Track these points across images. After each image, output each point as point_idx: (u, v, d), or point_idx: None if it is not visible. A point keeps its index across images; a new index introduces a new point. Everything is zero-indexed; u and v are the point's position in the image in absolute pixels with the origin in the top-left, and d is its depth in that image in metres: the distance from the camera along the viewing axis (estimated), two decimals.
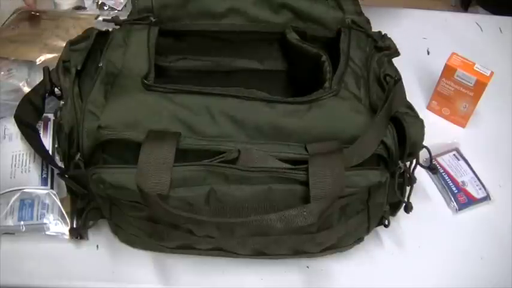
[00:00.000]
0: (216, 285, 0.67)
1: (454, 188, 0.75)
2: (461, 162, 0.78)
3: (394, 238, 0.71)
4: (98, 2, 0.92)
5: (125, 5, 0.92)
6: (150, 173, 0.55)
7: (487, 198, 0.75)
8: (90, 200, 0.64)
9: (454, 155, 0.79)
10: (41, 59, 0.78)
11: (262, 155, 0.57)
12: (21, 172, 0.68)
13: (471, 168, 0.78)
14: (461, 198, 0.75)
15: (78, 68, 0.63)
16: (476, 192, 0.75)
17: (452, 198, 0.75)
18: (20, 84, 0.77)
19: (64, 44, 0.66)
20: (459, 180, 0.76)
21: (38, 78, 0.67)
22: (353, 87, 0.62)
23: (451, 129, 0.84)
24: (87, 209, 0.65)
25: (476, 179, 0.77)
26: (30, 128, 0.66)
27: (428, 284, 0.68)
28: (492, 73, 0.77)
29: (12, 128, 0.69)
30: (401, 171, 0.62)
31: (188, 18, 0.69)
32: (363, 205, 0.63)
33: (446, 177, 0.77)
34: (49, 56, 0.78)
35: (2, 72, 0.77)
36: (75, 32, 0.80)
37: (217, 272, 0.68)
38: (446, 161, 0.78)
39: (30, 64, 0.78)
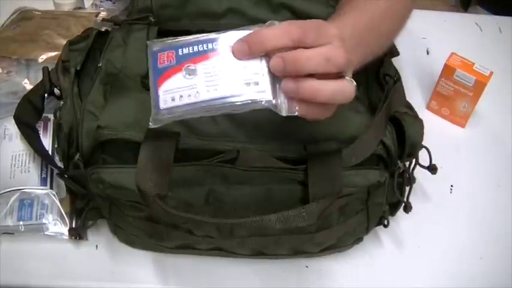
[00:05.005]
0: (216, 285, 0.67)
1: None
2: None
3: (394, 238, 0.71)
4: (96, 4, 0.92)
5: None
6: (150, 172, 0.55)
7: None
8: (89, 200, 0.64)
9: None
10: (43, 57, 0.78)
11: (262, 154, 0.57)
12: (21, 172, 0.68)
13: None
14: None
15: (78, 68, 0.63)
16: None
17: None
18: (22, 84, 0.77)
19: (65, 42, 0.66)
20: None
21: (39, 78, 0.67)
22: None
23: (450, 129, 0.84)
24: (87, 209, 0.65)
25: None
26: (30, 128, 0.66)
27: (427, 284, 0.68)
28: (491, 73, 0.77)
29: (12, 128, 0.69)
30: (401, 171, 0.62)
31: (187, 18, 0.69)
32: (362, 205, 0.63)
33: None
34: (51, 54, 0.78)
35: (5, 72, 0.78)
36: (76, 30, 0.80)
37: (217, 272, 0.68)
38: None
39: (31, 64, 0.79)
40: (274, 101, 0.46)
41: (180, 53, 0.46)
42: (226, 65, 0.46)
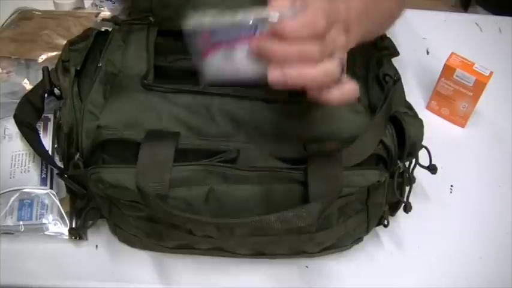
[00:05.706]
0: (216, 285, 0.67)
1: None
2: None
3: (394, 238, 0.71)
4: (96, 4, 0.92)
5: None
6: (150, 172, 0.55)
7: None
8: (89, 199, 0.64)
9: None
10: (43, 57, 0.78)
11: (262, 154, 0.57)
12: (21, 172, 0.68)
13: None
14: None
15: (78, 68, 0.63)
16: None
17: None
18: (22, 84, 0.77)
19: (65, 42, 0.66)
20: None
21: (39, 78, 0.67)
22: None
23: (450, 129, 0.84)
24: (87, 209, 0.65)
25: None
26: (30, 128, 0.66)
27: (427, 283, 0.68)
28: (491, 73, 0.77)
29: (12, 128, 0.69)
30: (401, 171, 0.62)
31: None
32: (362, 205, 0.63)
33: None
34: (51, 54, 0.79)
35: (4, 72, 0.78)
36: (76, 30, 0.81)
37: (217, 272, 0.68)
38: None
39: (31, 64, 0.79)
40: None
41: (215, 38, 0.49)
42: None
